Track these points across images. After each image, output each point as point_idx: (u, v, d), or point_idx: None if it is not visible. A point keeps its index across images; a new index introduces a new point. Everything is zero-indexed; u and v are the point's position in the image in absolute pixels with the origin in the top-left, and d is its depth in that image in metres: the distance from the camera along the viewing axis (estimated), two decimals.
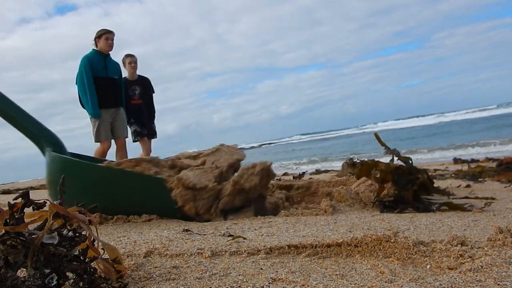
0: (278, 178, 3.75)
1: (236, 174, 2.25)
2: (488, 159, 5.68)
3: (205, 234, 1.53)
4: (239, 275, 1.03)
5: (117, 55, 4.75)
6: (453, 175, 4.02)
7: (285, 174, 6.09)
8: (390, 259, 1.11)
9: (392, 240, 1.18)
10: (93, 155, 3.85)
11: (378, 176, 2.20)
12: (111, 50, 4.30)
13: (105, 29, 4.27)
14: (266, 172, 2.25)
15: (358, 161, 4.02)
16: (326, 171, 6.16)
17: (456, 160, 6.09)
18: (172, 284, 0.97)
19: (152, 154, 5.00)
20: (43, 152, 2.52)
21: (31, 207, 0.88)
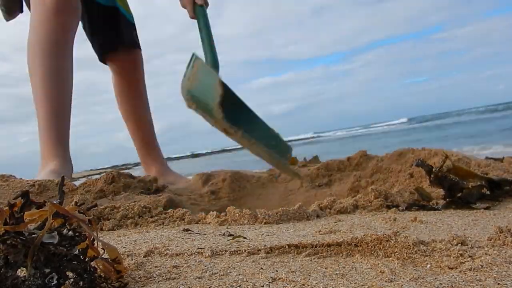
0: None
1: None
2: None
3: (205, 234, 1.53)
4: (239, 274, 1.03)
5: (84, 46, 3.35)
6: None
7: None
8: (390, 258, 1.11)
9: (392, 240, 1.18)
10: None
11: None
12: None
13: None
14: None
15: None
16: None
17: None
18: (172, 284, 0.97)
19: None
20: None
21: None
